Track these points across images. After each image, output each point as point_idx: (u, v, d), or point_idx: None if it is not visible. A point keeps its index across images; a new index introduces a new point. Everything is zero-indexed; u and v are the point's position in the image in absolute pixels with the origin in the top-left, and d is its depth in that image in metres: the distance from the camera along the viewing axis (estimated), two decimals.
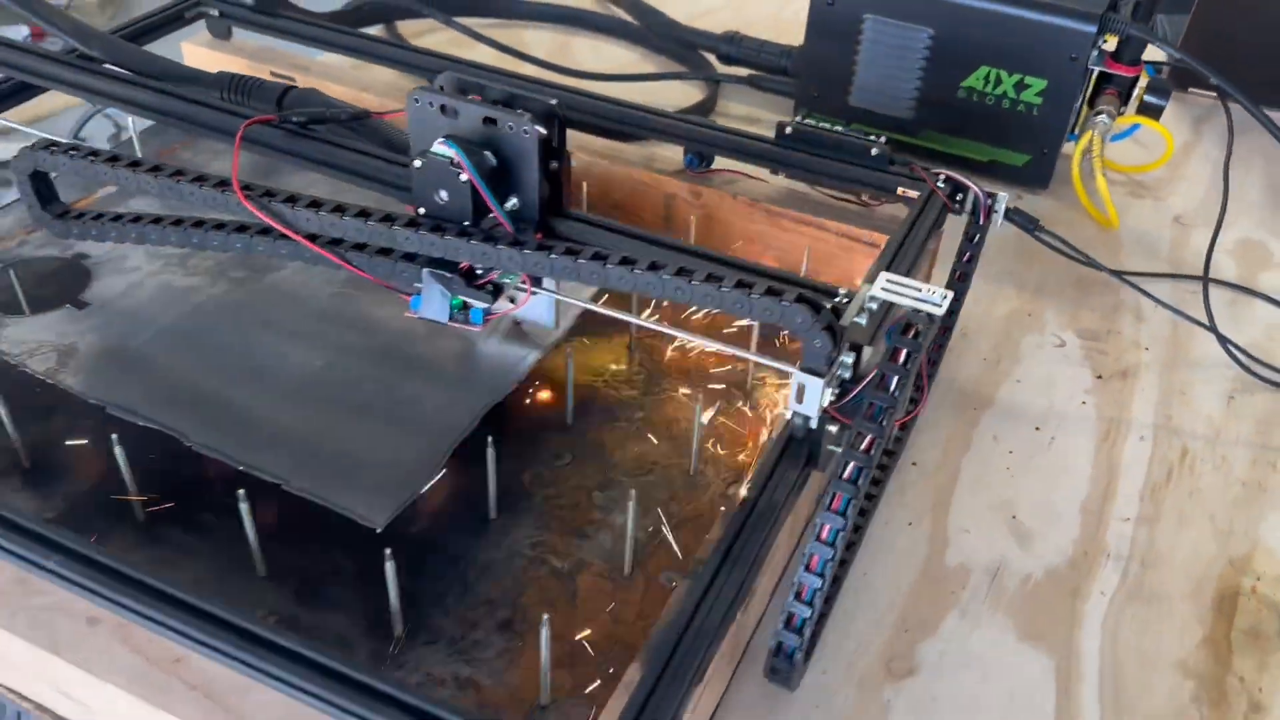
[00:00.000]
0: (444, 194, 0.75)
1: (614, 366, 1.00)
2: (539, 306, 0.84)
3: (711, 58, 1.50)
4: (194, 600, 0.62)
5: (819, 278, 1.09)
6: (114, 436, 0.77)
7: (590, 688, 0.73)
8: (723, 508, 0.85)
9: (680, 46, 1.52)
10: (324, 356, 0.87)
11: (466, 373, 0.88)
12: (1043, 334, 1.08)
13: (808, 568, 0.66)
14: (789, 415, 0.76)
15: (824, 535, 0.65)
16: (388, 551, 0.71)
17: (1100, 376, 1.03)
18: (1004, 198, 0.98)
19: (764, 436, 0.93)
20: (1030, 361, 1.04)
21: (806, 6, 1.30)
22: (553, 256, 0.73)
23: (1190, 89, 1.52)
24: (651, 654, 0.64)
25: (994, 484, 0.91)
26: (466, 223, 0.76)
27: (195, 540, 0.80)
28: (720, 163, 1.13)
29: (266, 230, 0.78)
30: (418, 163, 0.74)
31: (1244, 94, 1.12)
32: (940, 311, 0.71)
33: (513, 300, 0.84)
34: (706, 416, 0.94)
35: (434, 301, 0.78)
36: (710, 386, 0.98)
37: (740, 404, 0.97)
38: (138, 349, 0.86)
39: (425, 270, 0.77)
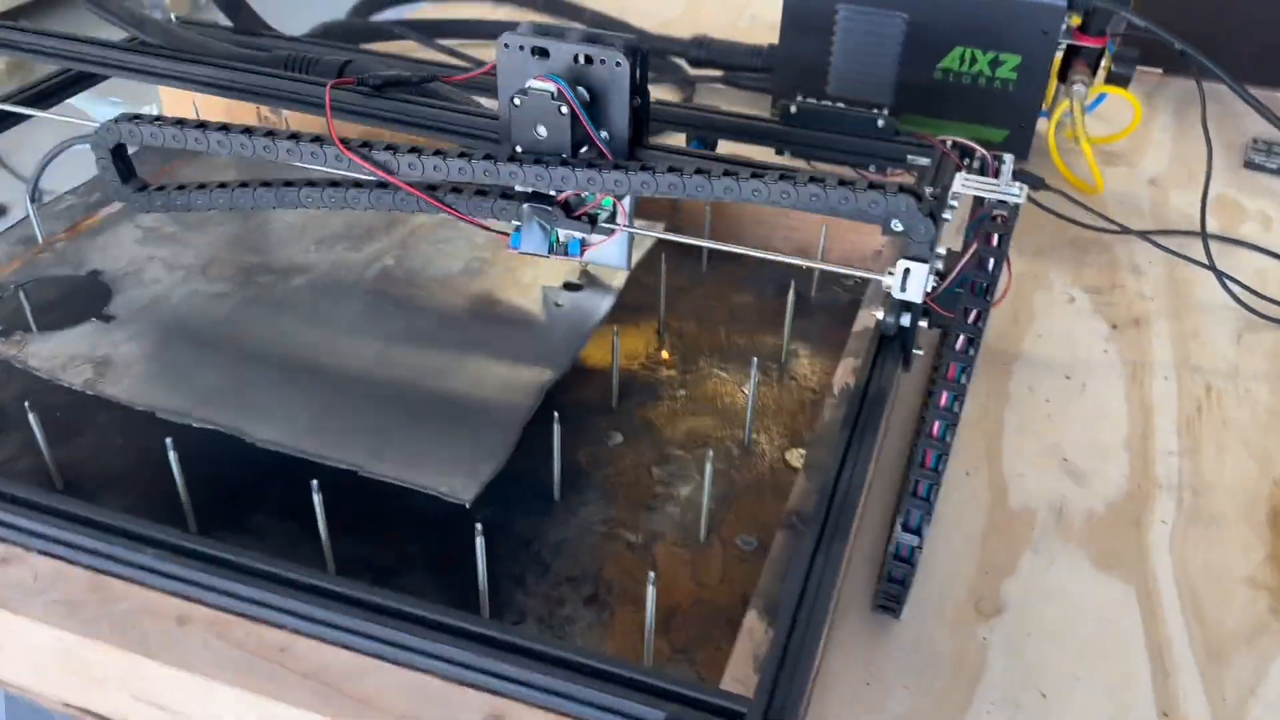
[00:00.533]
0: (542, 129, 0.76)
1: (647, 351, 0.99)
2: (609, 249, 0.85)
3: (681, 63, 1.51)
4: (307, 578, 0.60)
5: (833, 253, 1.11)
6: (169, 440, 0.74)
7: (688, 649, 0.72)
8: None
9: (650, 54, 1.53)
10: (373, 346, 0.85)
11: (531, 339, 0.88)
12: (1052, 292, 1.11)
13: (930, 434, 0.67)
14: (879, 316, 0.78)
15: (943, 402, 0.67)
16: (479, 526, 0.69)
17: (1115, 326, 1.06)
18: (1010, 158, 1.01)
19: (806, 404, 0.94)
20: (1046, 317, 1.07)
21: (760, 14, 1.33)
22: (659, 175, 0.75)
23: (1138, 67, 1.58)
24: (780, 598, 0.64)
25: (1038, 430, 0.93)
26: (564, 155, 0.77)
27: (255, 543, 0.77)
28: (724, 148, 1.15)
29: (360, 184, 0.78)
30: (517, 100, 0.75)
31: (1198, 66, 1.17)
32: (1021, 200, 0.74)
33: (585, 244, 0.85)
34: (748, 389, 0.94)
35: (534, 236, 0.80)
36: (745, 362, 0.98)
37: (776, 377, 0.97)
38: (177, 354, 0.83)
39: (525, 205, 0.78)
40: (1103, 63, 1.29)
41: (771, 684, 0.54)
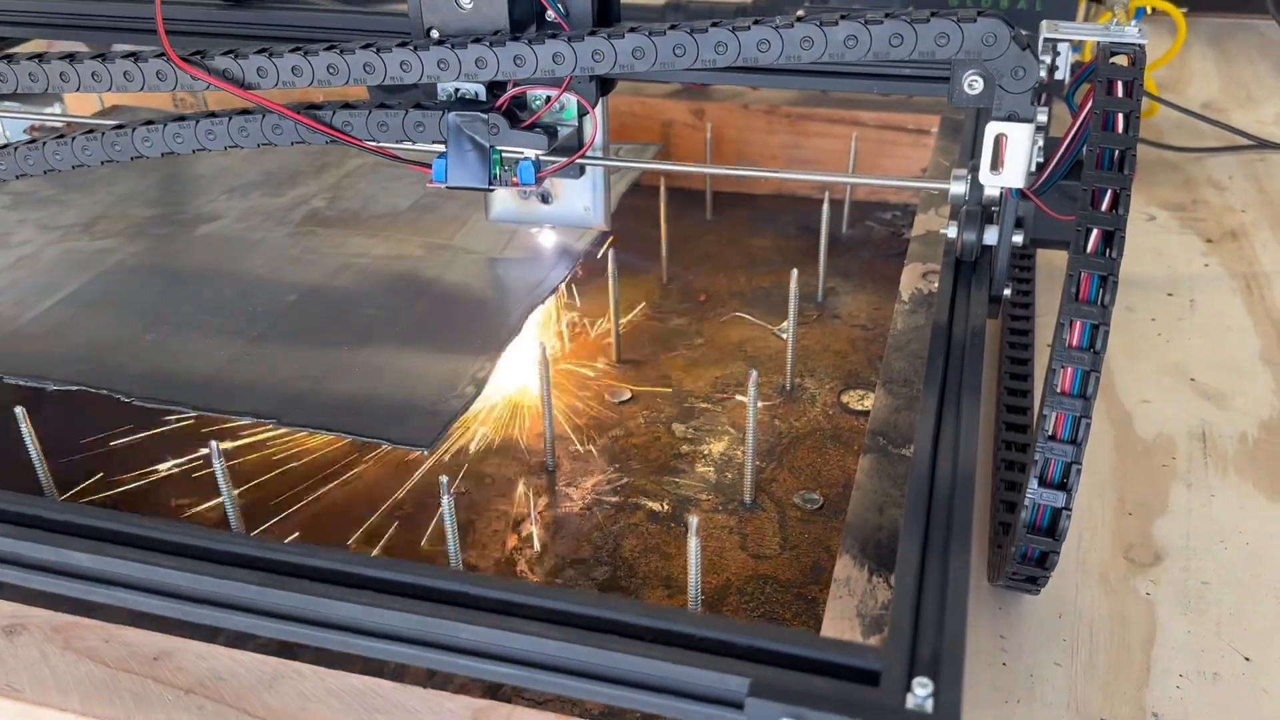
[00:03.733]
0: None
1: (650, 301, 0.80)
2: (575, 194, 0.65)
3: None
4: (192, 539, 0.39)
5: (860, 186, 0.93)
6: (20, 410, 0.54)
7: None
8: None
9: None
10: (297, 289, 0.65)
11: (494, 281, 0.68)
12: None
13: (1069, 343, 0.46)
14: (949, 233, 0.58)
15: (1084, 293, 0.46)
16: (444, 480, 0.49)
17: (1210, 240, 0.88)
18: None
19: (858, 341, 0.75)
20: (1127, 237, 0.88)
21: None
22: (654, 38, 0.52)
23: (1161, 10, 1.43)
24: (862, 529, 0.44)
25: (1152, 351, 0.74)
26: (499, 33, 0.55)
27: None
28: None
29: (214, 114, 0.56)
30: None
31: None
32: (1144, 41, 0.55)
33: (546, 200, 0.65)
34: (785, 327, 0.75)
35: (465, 162, 0.57)
36: (772, 305, 0.79)
37: (815, 317, 0.78)
38: (39, 314, 0.63)
39: (450, 116, 0.56)
40: None
41: (912, 624, 0.34)
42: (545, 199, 0.65)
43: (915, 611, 0.36)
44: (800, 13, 0.55)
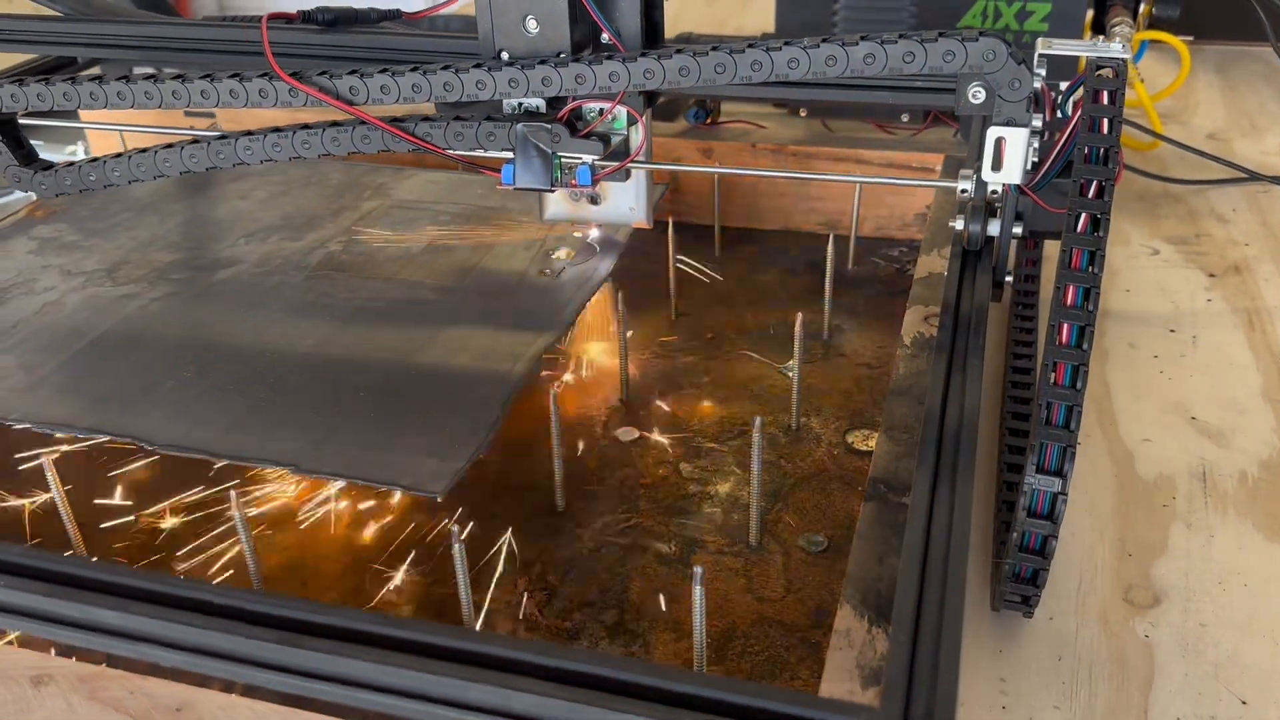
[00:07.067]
0: (533, 23, 0.61)
1: (658, 339, 0.82)
2: (621, 196, 0.69)
3: None
4: (217, 598, 0.41)
5: (865, 222, 0.94)
6: (46, 460, 0.56)
7: (754, 681, 0.53)
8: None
9: None
10: (316, 332, 0.67)
11: (514, 308, 0.70)
12: (1129, 245, 0.94)
13: (1060, 342, 0.49)
14: (957, 225, 0.61)
15: (1070, 299, 0.49)
16: (456, 530, 0.51)
17: (1213, 275, 0.89)
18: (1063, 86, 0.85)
19: (862, 380, 0.76)
20: (1130, 271, 0.90)
21: (744, 23, 1.19)
22: (698, 58, 0.58)
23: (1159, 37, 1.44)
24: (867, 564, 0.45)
25: (1153, 389, 0.75)
26: (562, 54, 0.61)
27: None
28: (726, 112, 0.99)
29: (308, 126, 0.62)
30: None
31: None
32: (1127, 55, 0.58)
33: (595, 201, 0.69)
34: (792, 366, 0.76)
35: (531, 167, 0.63)
36: (778, 343, 0.81)
37: (821, 354, 0.79)
38: (65, 361, 0.65)
39: (519, 127, 0.62)
40: (1140, 9, 1.15)
41: (906, 681, 0.35)
42: (595, 200, 0.72)
43: (909, 671, 0.37)
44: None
